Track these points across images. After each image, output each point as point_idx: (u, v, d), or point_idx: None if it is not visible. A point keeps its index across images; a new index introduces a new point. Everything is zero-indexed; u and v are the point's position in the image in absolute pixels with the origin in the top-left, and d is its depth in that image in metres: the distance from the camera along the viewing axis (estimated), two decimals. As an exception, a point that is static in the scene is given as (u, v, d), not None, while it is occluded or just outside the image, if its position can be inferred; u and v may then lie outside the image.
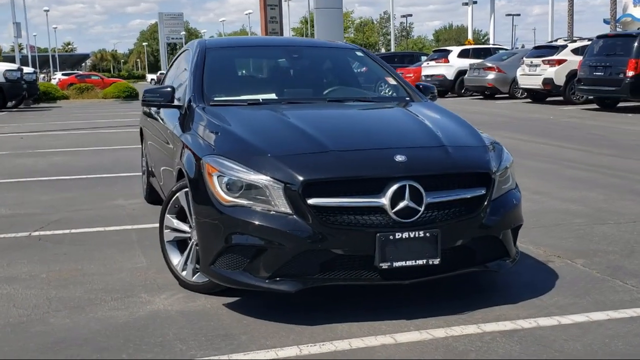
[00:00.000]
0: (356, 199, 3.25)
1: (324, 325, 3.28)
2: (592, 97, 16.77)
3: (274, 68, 5.17)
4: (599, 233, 5.02)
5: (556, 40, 21.82)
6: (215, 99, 4.35)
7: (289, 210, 3.23)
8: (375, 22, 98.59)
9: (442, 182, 3.40)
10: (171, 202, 3.86)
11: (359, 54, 5.27)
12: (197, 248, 3.66)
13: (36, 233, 5.25)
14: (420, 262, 3.27)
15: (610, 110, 15.95)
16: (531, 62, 18.84)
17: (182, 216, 3.83)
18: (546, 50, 19.29)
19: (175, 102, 4.47)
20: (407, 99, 4.70)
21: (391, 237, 3.22)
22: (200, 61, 4.64)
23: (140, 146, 6.71)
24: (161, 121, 5.04)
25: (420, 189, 3.27)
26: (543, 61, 18.36)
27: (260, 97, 4.51)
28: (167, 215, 3.89)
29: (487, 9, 41.46)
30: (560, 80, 17.94)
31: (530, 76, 18.88)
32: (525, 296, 3.68)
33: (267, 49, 5.40)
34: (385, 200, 3.24)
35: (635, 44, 14.96)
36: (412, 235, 3.24)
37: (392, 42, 50.57)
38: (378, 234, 3.21)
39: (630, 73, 14.83)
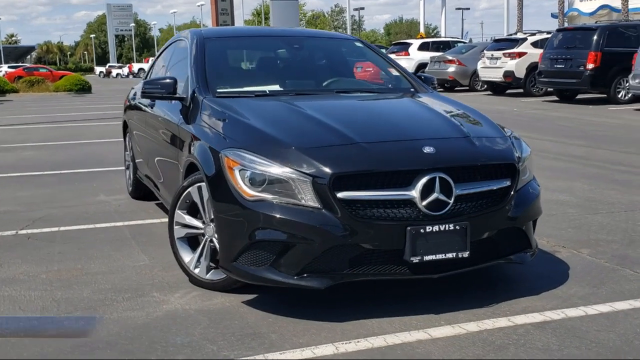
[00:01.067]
0: (386, 192, 3.17)
1: (353, 322, 3.20)
2: (552, 89, 17.08)
3: (274, 59, 5.03)
4: (594, 223, 5.08)
5: (516, 34, 22.15)
6: (219, 90, 4.21)
7: (317, 205, 3.13)
8: (326, 15, 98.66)
9: (470, 173, 3.35)
10: (182, 197, 3.71)
11: (358, 44, 5.19)
12: (212, 244, 3.54)
13: (23, 231, 5.02)
14: (450, 255, 3.23)
15: (569, 102, 16.29)
16: (492, 55, 19.08)
17: (193, 212, 3.69)
18: (506, 43, 19.57)
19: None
20: (412, 90, 4.63)
21: (422, 230, 3.16)
22: (200, 51, 4.48)
23: (124, 140, 6.49)
24: (156, 114, 4.87)
25: (450, 181, 3.22)
26: (504, 54, 18.62)
27: (266, 88, 4.38)
28: (178, 211, 3.74)
29: (437, 2, 41.98)
30: (520, 73, 18.24)
31: (491, 69, 19.13)
32: (544, 287, 3.67)
33: (266, 39, 5.25)
34: (415, 193, 3.17)
35: (595, 37, 15.29)
36: (442, 228, 3.19)
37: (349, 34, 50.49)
38: (408, 228, 3.14)
39: (590, 66, 15.17)
